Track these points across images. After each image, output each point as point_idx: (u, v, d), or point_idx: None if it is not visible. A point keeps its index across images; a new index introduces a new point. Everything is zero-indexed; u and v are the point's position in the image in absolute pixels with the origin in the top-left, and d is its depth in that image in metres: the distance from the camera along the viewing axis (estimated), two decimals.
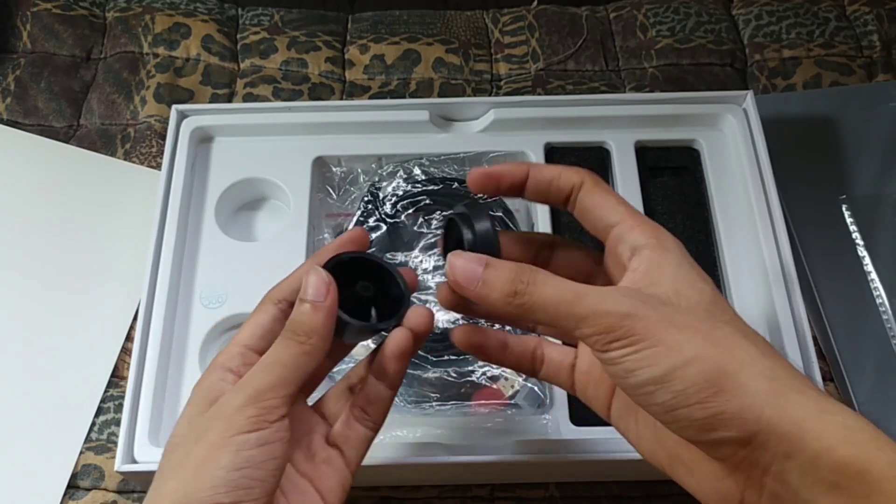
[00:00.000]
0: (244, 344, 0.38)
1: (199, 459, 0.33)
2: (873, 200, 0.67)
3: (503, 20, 0.78)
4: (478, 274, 0.34)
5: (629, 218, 0.36)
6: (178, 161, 0.62)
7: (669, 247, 0.35)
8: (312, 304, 0.35)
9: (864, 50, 0.76)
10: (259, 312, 0.39)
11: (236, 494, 0.32)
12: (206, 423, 0.34)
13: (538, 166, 0.38)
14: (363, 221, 0.62)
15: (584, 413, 0.55)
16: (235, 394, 0.34)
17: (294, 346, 0.35)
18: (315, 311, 0.35)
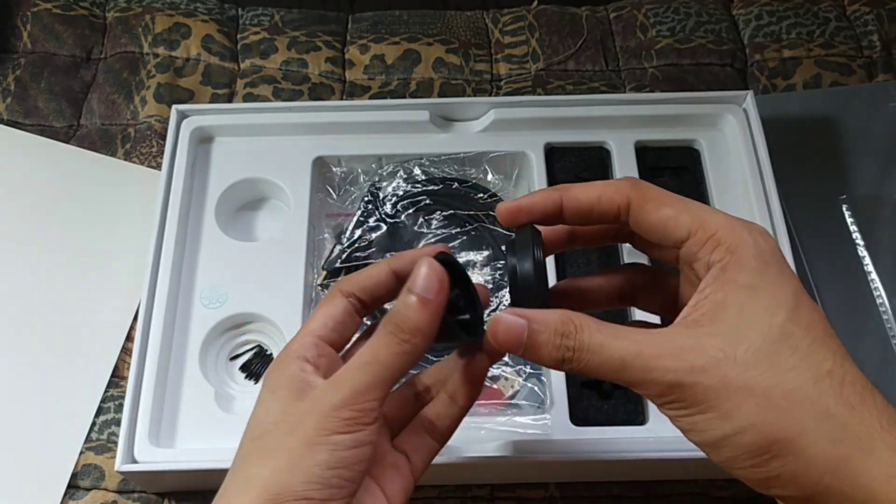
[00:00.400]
0: (317, 334, 0.36)
1: (294, 454, 0.32)
2: (873, 201, 0.67)
3: (503, 20, 0.78)
4: (521, 340, 0.33)
5: (698, 230, 0.32)
6: (178, 161, 0.62)
7: (745, 262, 0.31)
8: (420, 299, 0.33)
9: (864, 50, 0.76)
10: (329, 304, 0.37)
11: (328, 492, 0.32)
12: (300, 416, 0.33)
13: (571, 191, 0.35)
14: (363, 221, 0.62)
15: (585, 413, 0.56)
16: (332, 392, 0.33)
17: (394, 344, 0.33)
18: (422, 308, 0.33)
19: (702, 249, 0.32)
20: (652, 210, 0.33)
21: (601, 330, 0.32)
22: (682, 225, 0.33)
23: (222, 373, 0.59)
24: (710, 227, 0.32)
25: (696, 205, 0.33)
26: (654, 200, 0.33)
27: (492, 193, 0.63)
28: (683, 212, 0.33)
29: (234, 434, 0.54)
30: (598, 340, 0.31)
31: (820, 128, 0.71)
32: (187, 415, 0.55)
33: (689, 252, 0.33)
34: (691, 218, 0.33)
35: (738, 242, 0.32)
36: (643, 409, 0.56)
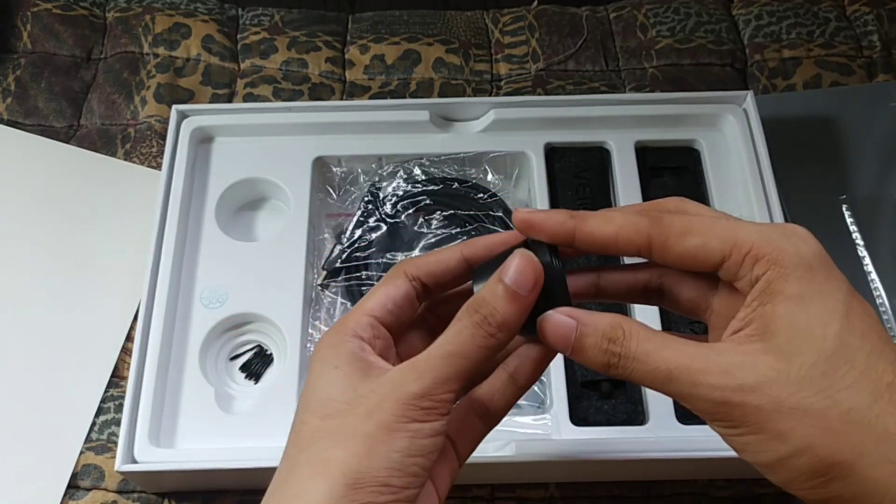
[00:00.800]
0: (374, 315, 0.35)
1: (373, 439, 0.31)
2: (874, 201, 0.67)
3: (503, 20, 0.78)
4: (569, 341, 0.32)
5: (732, 250, 0.31)
6: (178, 161, 0.62)
7: (789, 271, 0.30)
8: (511, 293, 0.32)
9: (864, 50, 0.76)
10: (390, 284, 0.35)
11: (407, 480, 0.31)
12: (375, 399, 0.32)
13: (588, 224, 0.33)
14: (363, 221, 0.62)
15: (585, 413, 0.56)
16: (413, 379, 0.32)
17: (480, 337, 0.32)
18: (513, 302, 0.32)
19: (741, 269, 0.31)
20: (676, 244, 0.32)
21: (650, 339, 0.31)
22: (714, 250, 0.31)
23: (222, 373, 0.59)
24: (743, 244, 0.30)
25: (722, 223, 0.31)
26: (677, 233, 0.32)
27: (492, 193, 0.63)
28: (711, 237, 0.31)
29: (234, 434, 0.55)
30: (644, 350, 0.31)
31: (820, 128, 0.71)
32: (187, 415, 0.55)
33: (728, 274, 0.31)
34: (721, 241, 0.31)
35: (777, 253, 0.30)
36: (643, 409, 0.56)
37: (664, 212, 0.33)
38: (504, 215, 0.62)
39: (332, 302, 0.60)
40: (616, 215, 0.33)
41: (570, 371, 0.56)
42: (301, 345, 0.57)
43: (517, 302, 0.32)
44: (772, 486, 0.58)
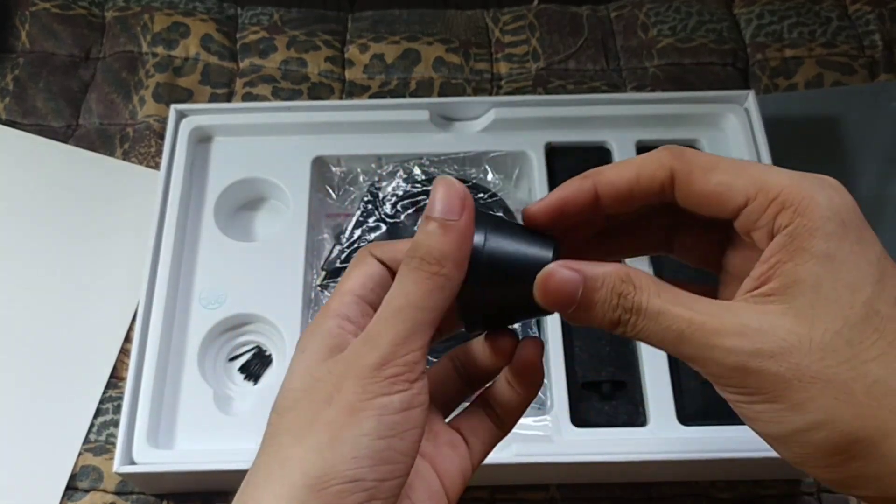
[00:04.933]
0: (357, 294, 0.30)
1: (335, 424, 0.27)
2: (875, 201, 0.67)
3: (503, 19, 0.78)
4: (574, 298, 0.28)
5: (758, 193, 0.28)
6: (176, 161, 0.62)
7: (819, 226, 0.27)
8: (442, 224, 0.28)
9: (865, 49, 0.76)
10: (363, 264, 0.31)
11: (382, 470, 0.27)
12: (335, 380, 0.28)
13: (605, 175, 0.30)
14: (363, 221, 0.62)
15: (585, 415, 0.55)
16: (367, 349, 0.28)
17: (424, 279, 0.28)
18: (446, 232, 0.28)
19: (763, 215, 0.27)
20: (700, 178, 0.29)
21: (660, 293, 0.28)
22: (739, 190, 0.28)
23: (221, 374, 0.58)
24: (772, 188, 0.27)
25: (753, 165, 0.28)
26: (702, 168, 0.29)
27: (492, 193, 0.63)
28: (739, 175, 0.28)
29: (233, 435, 0.54)
30: (656, 306, 0.27)
31: (821, 127, 0.71)
32: (186, 416, 0.55)
33: (748, 221, 0.28)
34: (748, 181, 0.28)
35: (807, 203, 0.27)
36: (644, 410, 0.55)
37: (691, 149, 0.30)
38: (504, 215, 0.62)
39: None
40: (634, 157, 0.30)
41: (570, 372, 0.56)
42: None
43: (451, 230, 0.28)
44: (774, 488, 0.58)
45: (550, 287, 0.29)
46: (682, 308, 0.27)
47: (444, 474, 0.32)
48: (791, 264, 0.27)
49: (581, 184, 0.30)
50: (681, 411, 0.54)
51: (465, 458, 0.33)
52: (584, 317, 0.29)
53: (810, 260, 0.26)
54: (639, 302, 0.28)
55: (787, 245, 0.27)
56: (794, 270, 0.27)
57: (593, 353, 0.57)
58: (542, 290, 0.29)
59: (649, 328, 0.28)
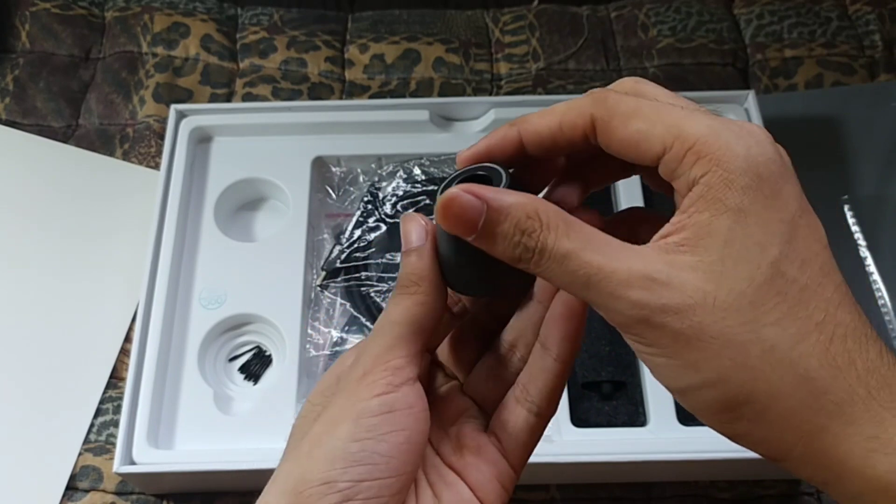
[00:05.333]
0: None
1: (316, 435, 0.28)
2: (875, 201, 0.67)
3: (503, 19, 0.78)
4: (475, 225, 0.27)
5: (675, 141, 0.27)
6: (176, 161, 0.62)
7: (734, 177, 0.26)
8: (407, 252, 0.30)
9: (865, 50, 0.76)
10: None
11: (356, 471, 0.27)
12: (326, 401, 0.29)
13: (529, 123, 0.30)
14: (363, 222, 0.62)
15: (585, 415, 0.55)
16: (354, 367, 0.29)
17: (402, 299, 0.30)
18: (413, 256, 0.30)
19: (681, 165, 0.27)
20: (619, 126, 0.28)
21: (570, 234, 0.27)
22: (656, 138, 0.27)
23: (221, 374, 0.58)
24: (688, 137, 0.27)
25: (674, 111, 0.28)
26: (622, 115, 0.28)
27: None
28: (657, 122, 0.27)
29: (232, 435, 0.54)
30: (563, 248, 0.26)
31: (822, 128, 0.71)
32: (186, 416, 0.55)
33: (668, 170, 0.27)
34: (665, 129, 0.27)
35: (723, 153, 0.26)
36: (644, 410, 0.55)
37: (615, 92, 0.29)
38: None
39: (331, 303, 0.60)
40: (559, 104, 0.30)
41: (571, 373, 0.55)
42: (300, 345, 0.57)
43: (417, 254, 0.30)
44: (774, 488, 0.58)
45: (450, 210, 0.28)
46: (591, 253, 0.26)
47: (474, 484, 0.31)
48: (706, 215, 0.26)
49: (507, 131, 0.30)
50: (681, 411, 0.54)
51: (498, 461, 0.32)
52: (486, 246, 0.28)
53: (724, 213, 0.26)
54: (544, 241, 0.27)
55: (703, 195, 0.26)
56: (707, 223, 0.26)
57: (593, 353, 0.57)
58: (441, 212, 0.28)
59: (553, 269, 0.27)
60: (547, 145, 0.30)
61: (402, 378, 0.29)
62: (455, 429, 0.32)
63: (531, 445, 0.32)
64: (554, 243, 0.27)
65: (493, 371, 0.33)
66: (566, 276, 0.27)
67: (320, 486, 0.27)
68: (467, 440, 0.32)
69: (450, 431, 0.32)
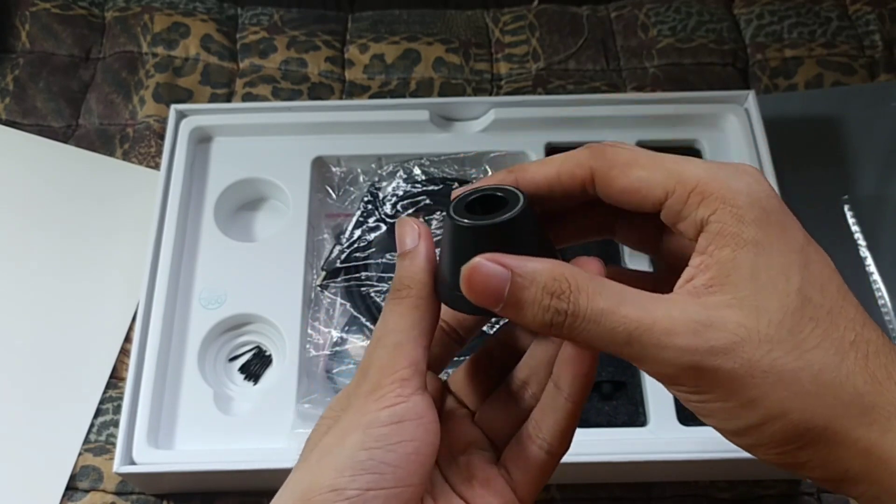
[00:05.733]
0: None
1: (326, 446, 0.28)
2: (875, 201, 0.67)
3: (503, 19, 0.78)
4: (501, 295, 0.27)
5: (677, 185, 0.27)
6: (176, 161, 0.62)
7: (743, 213, 0.26)
8: (402, 255, 0.30)
9: (866, 50, 0.76)
10: None
11: (364, 480, 0.27)
12: (335, 415, 0.30)
13: (527, 172, 0.31)
14: (363, 222, 0.62)
15: (586, 415, 0.55)
16: (360, 380, 0.30)
17: (396, 304, 0.30)
18: (406, 260, 0.30)
19: (686, 207, 0.27)
20: (619, 175, 0.29)
21: (602, 292, 0.26)
22: (658, 184, 0.28)
23: (221, 374, 0.58)
24: (689, 179, 0.27)
25: (670, 158, 0.28)
26: (621, 164, 0.29)
27: None
28: (657, 169, 0.28)
29: (232, 435, 0.54)
30: (598, 307, 0.26)
31: (822, 128, 0.71)
32: (186, 416, 0.55)
33: (671, 213, 0.28)
34: (666, 174, 0.28)
35: (727, 191, 0.27)
36: (644, 410, 0.55)
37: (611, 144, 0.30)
38: None
39: (331, 303, 0.60)
40: (556, 156, 0.30)
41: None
42: (300, 346, 0.57)
43: (410, 257, 0.30)
44: (774, 488, 0.58)
45: (476, 281, 0.27)
46: (630, 308, 0.26)
47: None
48: (727, 251, 0.26)
49: (504, 178, 0.31)
50: (681, 411, 0.54)
51: (506, 494, 0.32)
52: (515, 316, 0.27)
53: (744, 247, 0.26)
54: (576, 303, 0.26)
55: (719, 232, 0.27)
56: (730, 258, 0.26)
57: None
58: (467, 283, 0.27)
59: (591, 330, 0.26)
60: (544, 195, 0.30)
61: (411, 389, 0.29)
62: (465, 458, 0.33)
63: (541, 482, 0.32)
64: (587, 303, 0.26)
65: (506, 406, 0.33)
66: (605, 336, 0.26)
67: (329, 493, 0.27)
68: (477, 471, 0.32)
69: (459, 460, 0.32)
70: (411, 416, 0.28)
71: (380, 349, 0.30)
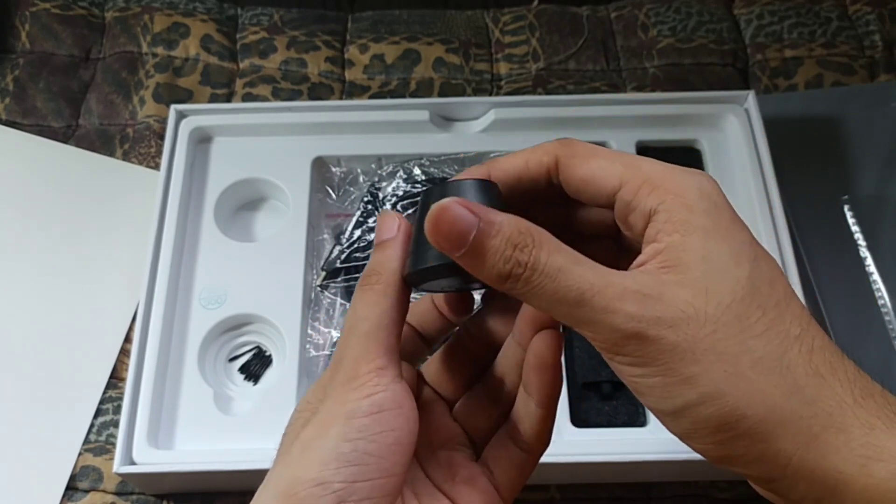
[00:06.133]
0: None
1: (306, 439, 0.28)
2: (875, 201, 0.67)
3: (503, 20, 0.78)
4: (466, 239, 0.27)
5: (631, 176, 0.28)
6: (176, 161, 0.62)
7: (692, 203, 0.27)
8: (378, 244, 0.31)
9: (865, 50, 0.76)
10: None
11: (348, 472, 0.27)
12: (312, 407, 0.30)
13: (498, 162, 0.32)
14: (363, 222, 0.62)
15: (586, 415, 0.55)
16: (335, 371, 0.30)
17: (366, 293, 0.30)
18: (380, 249, 0.31)
19: (636, 196, 0.28)
20: (580, 163, 0.30)
21: (561, 251, 0.27)
22: (613, 173, 0.29)
23: (221, 374, 0.58)
24: (643, 171, 0.28)
25: (629, 155, 0.30)
26: (583, 154, 0.30)
27: None
28: (615, 161, 0.29)
29: (232, 435, 0.54)
30: (556, 263, 0.27)
31: (822, 128, 0.71)
32: (186, 416, 0.55)
33: (623, 203, 0.29)
34: (622, 166, 0.29)
35: (677, 184, 0.28)
36: (644, 411, 0.55)
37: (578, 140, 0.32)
38: None
39: (331, 303, 0.60)
40: (525, 149, 0.32)
41: (570, 372, 0.56)
42: (300, 346, 0.57)
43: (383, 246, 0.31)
44: None
45: (442, 222, 0.27)
46: (586, 269, 0.27)
47: None
48: (676, 236, 0.27)
49: (477, 170, 0.32)
50: None
51: (489, 492, 0.32)
52: (474, 264, 0.27)
53: (695, 232, 0.27)
54: (536, 256, 0.27)
55: (668, 220, 0.27)
56: (680, 242, 0.27)
57: (593, 353, 0.57)
58: (432, 224, 0.27)
59: (545, 285, 0.27)
60: (512, 184, 0.31)
61: (389, 377, 0.29)
62: (446, 455, 0.33)
63: (522, 479, 0.33)
64: (547, 258, 0.27)
65: (484, 404, 0.34)
66: (559, 293, 0.27)
67: (314, 486, 0.27)
68: (460, 469, 0.32)
69: (440, 455, 0.33)
70: (390, 406, 0.28)
71: (353, 338, 0.30)
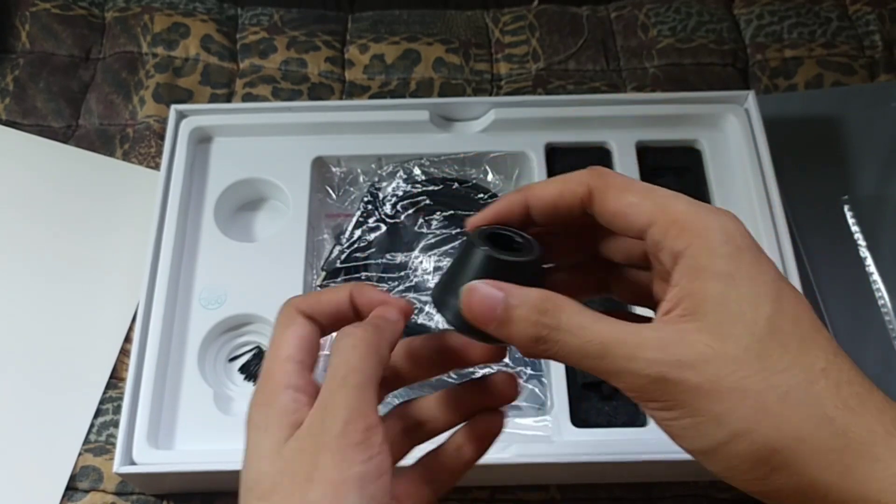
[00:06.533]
0: (297, 360, 0.32)
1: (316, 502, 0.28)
2: (875, 201, 0.67)
3: (503, 20, 0.78)
4: (495, 313, 0.30)
5: (660, 215, 0.30)
6: (176, 161, 0.62)
7: (715, 247, 0.28)
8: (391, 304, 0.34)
9: (865, 50, 0.76)
10: (293, 324, 0.33)
11: None
12: (308, 458, 0.29)
13: (533, 190, 0.33)
14: (363, 222, 0.62)
15: (586, 415, 0.55)
16: (330, 422, 0.29)
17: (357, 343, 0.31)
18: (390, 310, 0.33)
19: (666, 237, 0.29)
20: (613, 198, 0.31)
21: (582, 311, 0.29)
22: (644, 211, 0.30)
23: (221, 374, 0.58)
24: (671, 212, 0.30)
25: (660, 191, 0.31)
26: (617, 188, 0.31)
27: (492, 194, 0.63)
28: (646, 198, 0.30)
29: (232, 435, 0.54)
30: (578, 322, 0.29)
31: (822, 128, 0.71)
32: (186, 416, 0.55)
33: (653, 241, 0.30)
34: (653, 204, 0.30)
35: (703, 227, 0.29)
36: None
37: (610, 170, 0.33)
38: None
39: None
40: (559, 176, 0.33)
41: (570, 372, 0.56)
42: None
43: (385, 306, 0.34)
44: None
45: (473, 300, 0.30)
46: (604, 324, 0.29)
47: None
48: (698, 283, 0.28)
49: (514, 197, 0.33)
50: None
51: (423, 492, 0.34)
52: (505, 332, 0.30)
53: (713, 278, 0.28)
54: (559, 318, 0.29)
55: (690, 265, 0.29)
56: (700, 288, 0.28)
57: None
58: (465, 302, 0.31)
59: (571, 343, 0.29)
60: (549, 210, 0.33)
61: (381, 436, 0.29)
62: None
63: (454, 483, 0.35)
64: (569, 318, 0.29)
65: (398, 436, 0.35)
66: (583, 348, 0.29)
67: None
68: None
69: None
70: (386, 467, 0.29)
71: (347, 388, 0.30)
